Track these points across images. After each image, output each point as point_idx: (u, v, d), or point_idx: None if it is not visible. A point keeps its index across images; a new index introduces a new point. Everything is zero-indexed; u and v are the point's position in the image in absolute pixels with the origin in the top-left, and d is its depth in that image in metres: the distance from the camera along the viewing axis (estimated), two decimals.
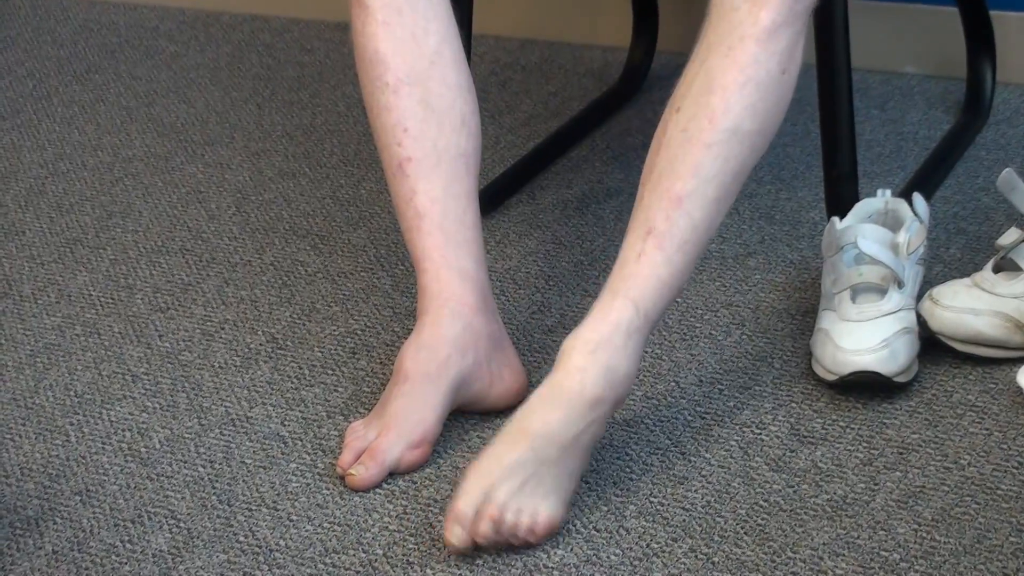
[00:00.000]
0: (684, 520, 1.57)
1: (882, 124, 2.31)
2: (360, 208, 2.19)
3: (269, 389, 1.82)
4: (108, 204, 2.25)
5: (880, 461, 1.63)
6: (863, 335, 1.70)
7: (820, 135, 1.92)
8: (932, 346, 1.77)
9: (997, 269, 1.78)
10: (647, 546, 1.54)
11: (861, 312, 1.72)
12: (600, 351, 1.55)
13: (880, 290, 1.75)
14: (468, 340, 1.69)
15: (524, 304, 1.94)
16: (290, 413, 1.77)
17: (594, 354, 1.55)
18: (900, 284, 1.75)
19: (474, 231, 1.73)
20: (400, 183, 1.73)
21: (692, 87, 1.58)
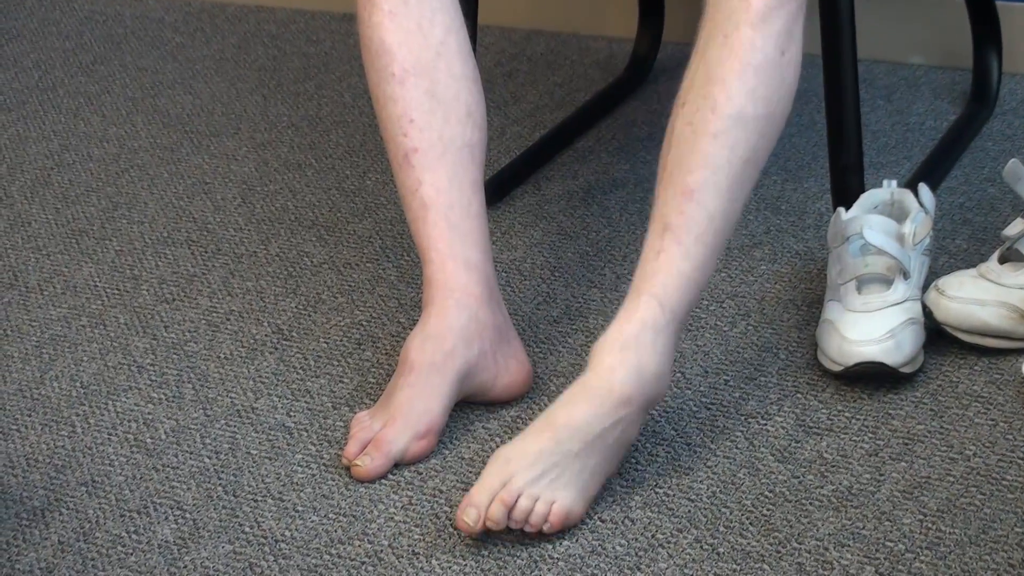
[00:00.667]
0: (689, 511, 1.57)
1: (888, 115, 2.31)
2: (366, 199, 2.19)
3: (275, 380, 1.82)
4: (114, 195, 2.25)
5: (886, 452, 1.63)
6: (869, 326, 1.70)
7: (826, 125, 1.92)
8: (938, 337, 1.77)
9: (1003, 260, 1.78)
10: (652, 537, 1.54)
11: (867, 303, 1.72)
12: (628, 350, 1.55)
13: (886, 281, 1.75)
14: (474, 331, 1.69)
15: (530, 295, 1.94)
16: (296, 404, 1.77)
17: (623, 353, 1.55)
18: (906, 275, 1.74)
19: (480, 222, 1.73)
20: (406, 174, 1.73)
21: (695, 81, 1.58)
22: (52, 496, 1.66)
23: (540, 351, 1.83)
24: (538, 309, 1.92)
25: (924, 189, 1.84)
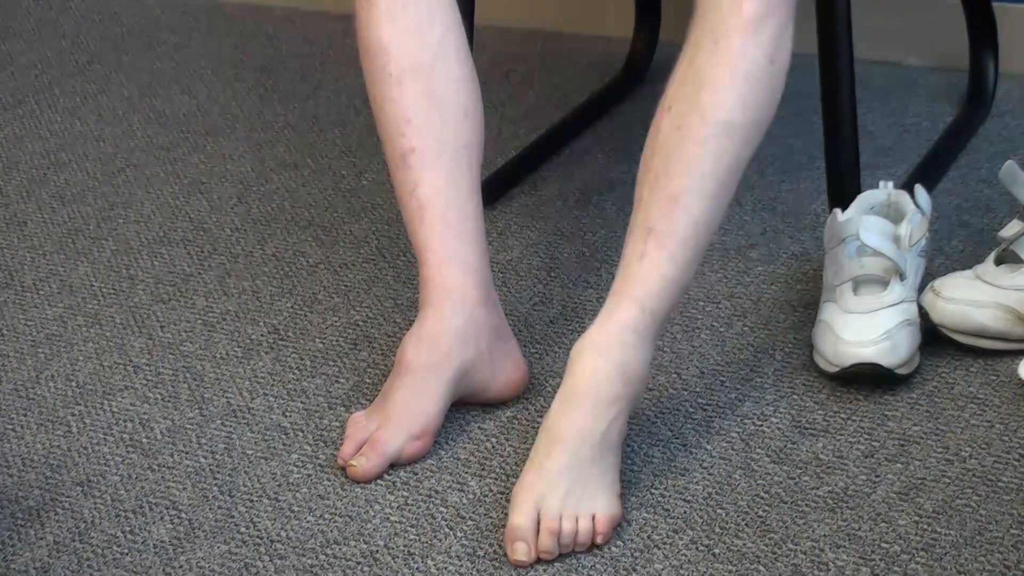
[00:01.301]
0: (685, 512, 1.57)
1: (884, 116, 2.31)
2: (362, 199, 2.19)
3: (270, 380, 1.82)
4: (110, 195, 2.25)
5: (881, 453, 1.63)
6: (865, 327, 1.70)
7: (822, 127, 1.92)
8: (934, 338, 1.77)
9: (999, 261, 1.78)
10: (648, 538, 1.54)
11: (863, 304, 1.72)
12: (611, 351, 1.55)
13: (882, 282, 1.75)
14: (470, 332, 1.69)
15: (526, 296, 1.94)
16: (291, 404, 1.77)
17: (605, 354, 1.55)
18: (902, 276, 1.74)
19: (476, 222, 1.73)
20: (403, 174, 1.72)
21: (683, 85, 1.58)
22: (47, 496, 1.66)
23: (536, 352, 1.83)
24: (534, 310, 1.92)
25: (920, 190, 1.84)
